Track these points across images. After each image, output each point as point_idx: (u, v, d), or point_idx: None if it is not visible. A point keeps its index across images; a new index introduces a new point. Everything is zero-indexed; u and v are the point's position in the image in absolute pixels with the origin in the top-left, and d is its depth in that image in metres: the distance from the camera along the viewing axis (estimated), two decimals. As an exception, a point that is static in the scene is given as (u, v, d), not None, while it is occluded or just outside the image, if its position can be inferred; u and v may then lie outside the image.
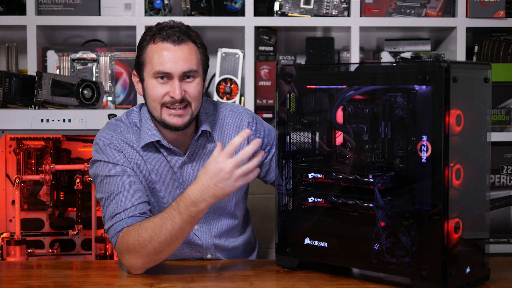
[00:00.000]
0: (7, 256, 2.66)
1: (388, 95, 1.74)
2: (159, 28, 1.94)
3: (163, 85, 1.92)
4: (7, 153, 2.79)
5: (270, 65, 3.01)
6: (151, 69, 1.92)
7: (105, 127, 2.03)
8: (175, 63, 1.90)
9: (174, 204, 1.79)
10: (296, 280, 1.78)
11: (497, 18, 2.95)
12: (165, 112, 1.93)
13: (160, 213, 1.82)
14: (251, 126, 2.10)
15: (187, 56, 1.92)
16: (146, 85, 1.95)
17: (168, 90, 1.91)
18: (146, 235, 1.79)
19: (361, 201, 1.73)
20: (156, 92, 1.92)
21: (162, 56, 1.90)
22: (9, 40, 3.11)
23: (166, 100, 1.92)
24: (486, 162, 1.72)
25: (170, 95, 1.91)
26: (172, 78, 1.91)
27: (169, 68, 1.90)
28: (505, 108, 2.95)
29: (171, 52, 1.91)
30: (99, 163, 1.96)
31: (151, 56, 1.92)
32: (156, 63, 1.91)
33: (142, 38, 1.97)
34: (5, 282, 1.82)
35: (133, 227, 1.83)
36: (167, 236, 1.78)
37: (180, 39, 1.91)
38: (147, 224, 1.81)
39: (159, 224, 1.78)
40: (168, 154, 2.01)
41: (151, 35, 1.94)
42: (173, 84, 1.91)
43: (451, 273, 1.60)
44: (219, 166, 1.73)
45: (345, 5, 2.97)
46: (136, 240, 1.80)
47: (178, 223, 1.77)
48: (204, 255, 2.07)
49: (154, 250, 1.79)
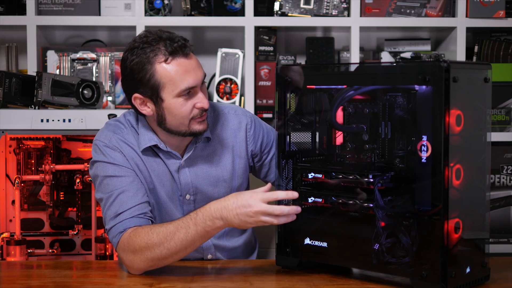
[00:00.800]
0: (7, 256, 2.66)
1: (388, 95, 1.74)
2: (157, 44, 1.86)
3: (188, 100, 1.89)
4: (7, 153, 2.79)
5: (270, 65, 3.01)
6: (174, 89, 1.86)
7: (104, 128, 2.03)
8: (195, 74, 1.88)
9: (192, 214, 1.79)
10: (296, 280, 1.78)
11: (497, 18, 2.95)
12: (193, 123, 1.92)
13: (175, 220, 1.82)
14: (249, 128, 2.09)
15: (197, 63, 1.91)
16: (168, 105, 1.89)
17: (194, 103, 1.89)
18: (156, 239, 1.78)
19: (361, 201, 1.73)
20: (185, 109, 1.89)
21: (183, 73, 1.86)
22: (9, 40, 3.11)
23: (195, 113, 1.91)
24: (486, 162, 1.72)
25: (198, 106, 1.89)
26: (195, 90, 1.90)
27: (194, 82, 1.88)
28: (505, 108, 2.95)
29: (188, 66, 1.87)
30: (99, 164, 1.96)
31: (170, 76, 1.86)
32: (180, 82, 1.86)
33: (140, 59, 1.86)
34: (5, 282, 1.82)
35: (143, 229, 1.82)
36: (177, 244, 1.78)
37: (186, 48, 1.88)
38: (159, 228, 1.80)
39: (172, 231, 1.78)
40: (166, 158, 2.00)
41: (153, 54, 1.85)
42: (199, 95, 1.90)
43: (451, 273, 1.60)
44: (250, 202, 1.73)
45: (345, 5, 2.97)
46: (145, 243, 1.79)
47: (191, 234, 1.77)
48: (205, 256, 2.07)
49: (161, 255, 1.79)
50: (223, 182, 2.05)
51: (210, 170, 2.04)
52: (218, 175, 2.05)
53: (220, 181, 2.05)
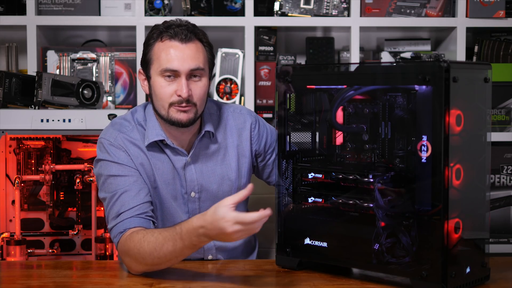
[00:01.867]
0: (7, 256, 2.66)
1: (388, 95, 1.74)
2: (166, 26, 1.94)
3: (170, 83, 1.92)
4: (7, 153, 2.79)
5: (270, 65, 3.01)
6: (158, 66, 1.92)
7: (109, 126, 2.03)
8: (183, 60, 1.91)
9: (177, 228, 1.74)
10: (296, 280, 1.78)
11: (497, 18, 2.95)
12: (172, 110, 1.93)
13: (164, 229, 1.79)
14: (253, 127, 2.10)
15: (194, 54, 1.92)
16: (152, 83, 1.95)
17: (175, 89, 1.91)
18: (147, 248, 1.77)
19: (361, 201, 1.73)
20: (163, 90, 1.92)
21: (170, 54, 1.91)
22: (9, 40, 3.11)
23: (174, 100, 1.92)
24: (486, 162, 1.72)
25: (177, 93, 1.91)
26: (179, 76, 1.91)
27: (176, 65, 1.90)
28: (505, 108, 2.95)
29: (178, 50, 1.91)
30: (103, 162, 1.96)
31: (159, 54, 1.92)
32: (164, 61, 1.91)
33: (149, 36, 1.96)
34: (5, 282, 1.82)
35: (137, 235, 1.81)
36: (166, 255, 1.76)
37: (187, 38, 1.91)
38: (150, 238, 1.78)
39: (161, 242, 1.76)
40: (172, 154, 2.00)
41: (158, 33, 1.94)
42: (180, 82, 1.91)
43: (451, 273, 1.60)
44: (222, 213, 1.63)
45: (345, 5, 2.97)
46: (137, 250, 1.79)
47: (179, 246, 1.74)
48: (205, 256, 2.07)
49: (153, 263, 1.79)
50: (228, 180, 2.06)
51: (216, 168, 2.04)
52: (223, 173, 2.05)
53: (225, 179, 2.05)
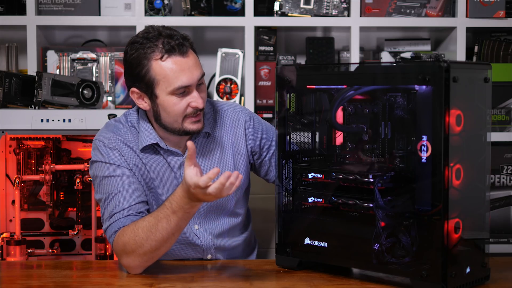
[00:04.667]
0: (7, 256, 2.66)
1: (388, 95, 1.74)
2: (161, 42, 1.87)
3: (182, 98, 1.90)
4: (7, 153, 2.79)
5: (270, 65, 3.01)
6: (167, 86, 1.88)
7: (103, 128, 2.03)
8: (191, 74, 1.89)
9: (167, 203, 1.79)
10: (296, 280, 1.78)
11: (497, 18, 2.95)
12: (187, 122, 1.93)
13: (154, 211, 1.83)
14: (248, 124, 2.10)
15: (195, 63, 1.91)
16: (161, 102, 1.91)
17: (188, 102, 1.90)
18: (142, 234, 1.79)
19: (361, 201, 1.73)
20: (178, 107, 1.90)
21: (178, 72, 1.87)
22: (9, 40, 3.11)
23: (189, 112, 1.91)
24: (486, 162, 1.72)
25: (192, 105, 1.90)
26: (190, 89, 1.90)
27: (188, 81, 1.88)
28: (505, 108, 2.95)
29: (184, 65, 1.88)
30: (97, 164, 1.97)
31: (164, 73, 1.87)
32: (174, 80, 1.87)
33: (138, 54, 1.88)
34: (5, 282, 1.82)
35: (129, 227, 1.83)
36: (163, 234, 1.79)
37: (185, 48, 1.89)
38: (142, 223, 1.81)
39: (154, 223, 1.79)
40: (167, 155, 2.01)
41: (150, 51, 1.87)
42: (194, 95, 1.90)
43: (451, 273, 1.60)
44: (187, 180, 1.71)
45: (345, 5, 2.97)
46: (133, 240, 1.80)
47: (173, 220, 1.78)
48: (204, 256, 2.07)
49: (151, 248, 1.80)
50: (224, 178, 2.05)
51: (212, 167, 2.04)
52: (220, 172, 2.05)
53: (222, 178, 2.05)
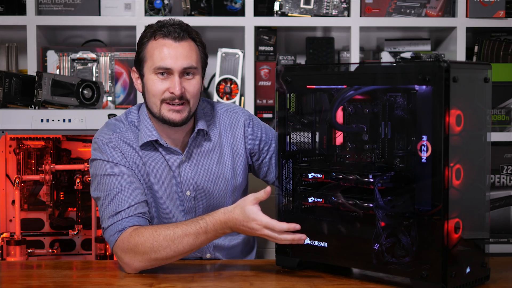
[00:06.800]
0: (7, 256, 2.66)
1: (388, 95, 1.74)
2: (159, 25, 1.97)
3: (163, 81, 1.94)
4: (7, 153, 2.79)
5: (270, 65, 3.01)
6: (151, 64, 1.94)
7: (104, 126, 2.04)
8: (176, 59, 1.93)
9: (201, 222, 1.81)
10: (296, 280, 1.78)
11: (497, 18, 2.95)
12: (164, 108, 1.95)
13: (181, 223, 1.84)
14: (247, 126, 2.11)
15: (187, 53, 1.94)
16: (146, 81, 1.97)
17: (168, 86, 1.94)
18: (163, 242, 1.80)
19: (361, 201, 1.73)
20: (156, 87, 1.94)
21: (163, 52, 1.93)
22: (9, 40, 3.11)
23: (166, 96, 1.94)
24: (486, 162, 1.72)
25: (170, 91, 1.93)
26: (172, 74, 1.93)
27: (170, 63, 1.92)
28: (505, 108, 2.95)
29: (171, 49, 1.93)
30: (97, 162, 1.97)
31: (152, 52, 1.94)
32: (157, 59, 1.93)
33: (143, 35, 1.99)
34: (5, 282, 1.82)
35: (146, 230, 1.83)
36: (185, 248, 1.81)
37: (180, 36, 1.94)
38: (166, 232, 1.82)
39: (180, 236, 1.80)
40: (166, 153, 2.01)
41: (151, 32, 1.96)
42: (173, 80, 1.93)
43: (451, 273, 1.60)
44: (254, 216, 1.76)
45: (345, 5, 2.97)
46: (150, 244, 1.80)
47: (202, 239, 1.81)
48: (203, 255, 2.08)
49: (166, 256, 1.82)
50: (223, 179, 2.06)
51: (211, 167, 2.05)
52: (219, 172, 2.06)
53: (221, 178, 2.06)
